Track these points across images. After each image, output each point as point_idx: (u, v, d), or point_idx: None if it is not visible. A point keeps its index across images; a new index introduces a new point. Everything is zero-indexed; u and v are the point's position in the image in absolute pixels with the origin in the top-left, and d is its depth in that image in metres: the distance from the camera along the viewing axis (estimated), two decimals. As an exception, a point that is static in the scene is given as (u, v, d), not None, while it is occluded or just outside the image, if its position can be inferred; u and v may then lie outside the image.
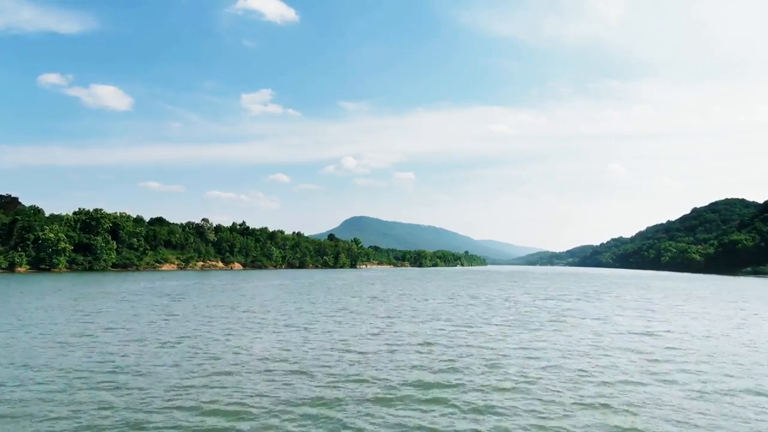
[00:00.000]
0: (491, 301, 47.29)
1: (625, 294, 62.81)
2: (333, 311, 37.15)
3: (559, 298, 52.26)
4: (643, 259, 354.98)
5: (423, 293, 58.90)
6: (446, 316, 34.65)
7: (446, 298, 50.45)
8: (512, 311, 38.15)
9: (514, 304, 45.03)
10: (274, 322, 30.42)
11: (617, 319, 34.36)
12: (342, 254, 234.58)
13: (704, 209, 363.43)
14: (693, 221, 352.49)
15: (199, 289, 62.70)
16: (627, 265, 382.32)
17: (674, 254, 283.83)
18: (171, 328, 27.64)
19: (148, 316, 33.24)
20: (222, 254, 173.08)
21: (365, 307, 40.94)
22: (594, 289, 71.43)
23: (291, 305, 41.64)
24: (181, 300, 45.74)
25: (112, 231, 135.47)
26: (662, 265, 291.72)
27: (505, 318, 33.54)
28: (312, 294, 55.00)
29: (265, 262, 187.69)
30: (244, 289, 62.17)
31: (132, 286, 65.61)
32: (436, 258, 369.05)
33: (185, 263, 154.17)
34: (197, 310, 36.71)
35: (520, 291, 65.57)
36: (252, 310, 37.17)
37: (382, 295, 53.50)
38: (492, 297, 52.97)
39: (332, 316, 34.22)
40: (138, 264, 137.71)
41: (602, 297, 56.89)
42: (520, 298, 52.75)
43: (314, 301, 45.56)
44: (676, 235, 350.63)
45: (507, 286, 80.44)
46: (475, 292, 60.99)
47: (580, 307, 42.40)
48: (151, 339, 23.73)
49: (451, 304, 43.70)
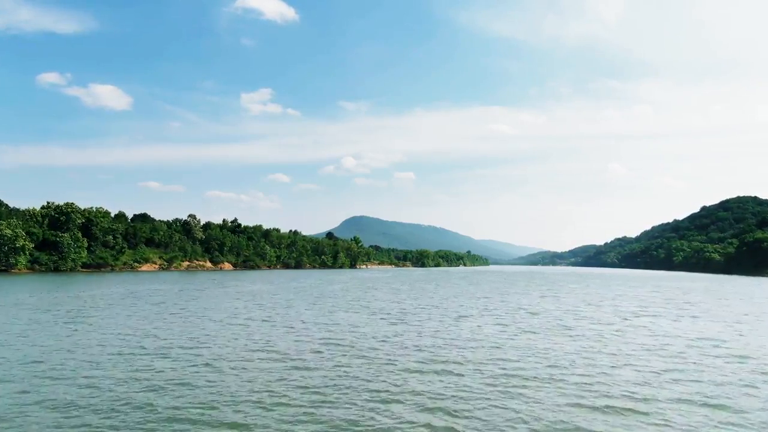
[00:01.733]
0: (575, 325, 30.71)
1: (703, 301, 47.89)
2: (316, 342, 22.13)
3: (644, 314, 37.18)
4: (652, 259, 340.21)
5: (450, 304, 43.71)
6: (561, 373, 17.19)
7: (496, 318, 34.95)
8: (636, 348, 22.67)
9: (609, 328, 29.26)
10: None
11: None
12: (341, 254, 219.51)
13: (715, 207, 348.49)
14: (704, 220, 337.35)
15: (140, 297, 47.65)
16: (634, 265, 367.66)
17: (688, 254, 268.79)
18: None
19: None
20: (211, 253, 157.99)
21: (373, 335, 25.73)
22: (653, 295, 56.48)
23: (240, 334, 26.54)
24: (81, 318, 30.70)
25: (85, 227, 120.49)
26: (675, 266, 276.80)
27: (656, 369, 18.06)
28: (292, 308, 39.79)
29: (258, 262, 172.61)
30: (200, 300, 47.05)
31: (62, 294, 50.59)
32: (438, 258, 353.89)
33: (168, 263, 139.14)
34: (58, 342, 21.70)
35: (574, 300, 50.35)
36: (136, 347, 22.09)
37: (396, 310, 37.96)
38: (557, 313, 37.01)
39: (304, 362, 19.13)
40: (113, 264, 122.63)
41: (684, 307, 42.01)
42: (596, 314, 37.18)
43: (289, 322, 30.53)
44: (686, 234, 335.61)
45: (544, 291, 65.42)
46: (520, 302, 45.93)
47: (703, 333, 27.39)
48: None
49: (520, 331, 27.85)
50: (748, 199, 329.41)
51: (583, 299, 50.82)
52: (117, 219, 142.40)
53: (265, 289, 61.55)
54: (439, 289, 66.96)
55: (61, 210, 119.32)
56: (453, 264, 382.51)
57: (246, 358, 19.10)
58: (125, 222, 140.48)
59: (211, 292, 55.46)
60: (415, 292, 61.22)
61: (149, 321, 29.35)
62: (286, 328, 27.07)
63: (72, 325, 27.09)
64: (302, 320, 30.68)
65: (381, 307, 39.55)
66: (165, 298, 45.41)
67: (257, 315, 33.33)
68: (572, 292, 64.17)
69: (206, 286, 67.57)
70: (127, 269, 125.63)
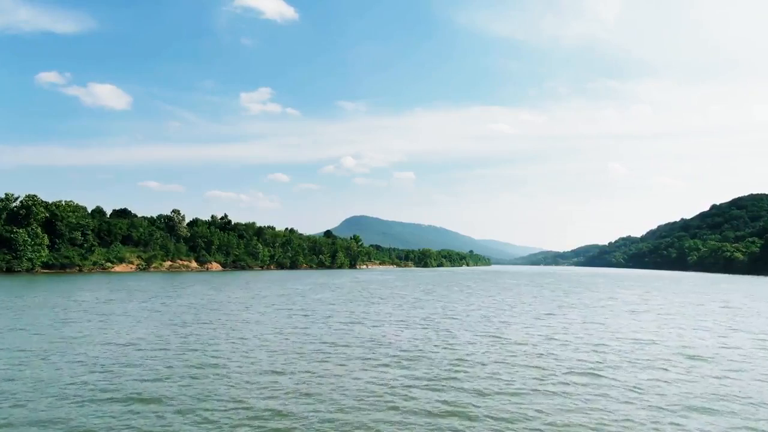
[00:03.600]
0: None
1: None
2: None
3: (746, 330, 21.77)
4: (662, 258, 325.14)
5: (501, 317, 28.23)
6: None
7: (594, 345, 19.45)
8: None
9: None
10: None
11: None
12: (340, 253, 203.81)
13: (726, 205, 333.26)
14: (716, 218, 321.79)
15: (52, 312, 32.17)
16: (642, 265, 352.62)
17: (704, 253, 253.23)
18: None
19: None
20: (197, 253, 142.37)
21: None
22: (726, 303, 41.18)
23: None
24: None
25: (49, 223, 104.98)
26: (689, 266, 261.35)
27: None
28: (214, 345, 24.33)
29: (250, 261, 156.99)
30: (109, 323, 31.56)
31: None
32: (441, 257, 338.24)
33: (147, 263, 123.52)
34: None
35: (706, 312, 35.07)
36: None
37: (445, 363, 22.35)
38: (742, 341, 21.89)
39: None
40: (81, 264, 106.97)
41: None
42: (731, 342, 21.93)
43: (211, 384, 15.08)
44: (697, 233, 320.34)
45: (599, 297, 50.05)
46: (588, 318, 30.62)
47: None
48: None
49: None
50: (762, 197, 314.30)
51: (714, 311, 35.39)
52: (93, 215, 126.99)
53: (220, 299, 46.12)
54: (461, 294, 51.52)
55: (21, 203, 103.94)
56: (456, 264, 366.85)
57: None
58: (98, 218, 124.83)
59: (156, 302, 40.00)
60: (444, 304, 45.74)
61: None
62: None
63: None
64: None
65: (401, 350, 24.07)
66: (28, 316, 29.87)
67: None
68: (665, 298, 48.77)
69: (158, 294, 52.02)
70: (98, 270, 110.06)
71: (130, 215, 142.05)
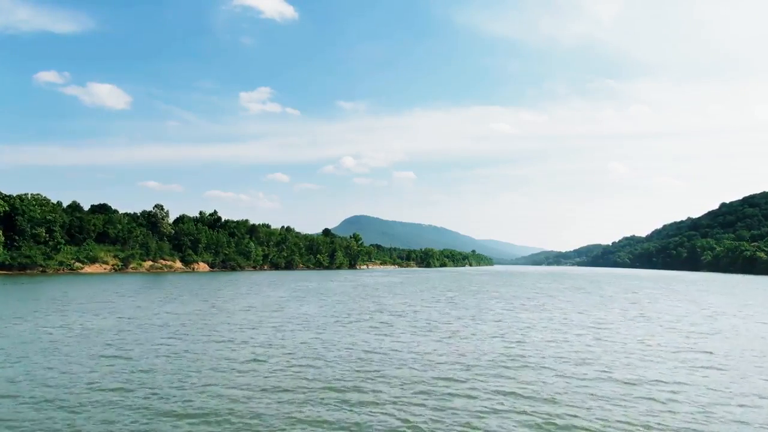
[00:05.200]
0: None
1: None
2: None
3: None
4: (671, 258, 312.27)
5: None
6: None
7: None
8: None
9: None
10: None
11: None
12: (339, 252, 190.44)
13: (738, 203, 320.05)
14: (728, 216, 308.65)
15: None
16: (649, 265, 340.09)
17: (719, 253, 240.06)
18: None
19: None
20: (182, 252, 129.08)
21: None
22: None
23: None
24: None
25: (8, 218, 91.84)
26: (703, 266, 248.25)
27: None
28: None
29: (241, 261, 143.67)
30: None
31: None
32: (444, 257, 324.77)
33: (124, 263, 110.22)
34: None
35: None
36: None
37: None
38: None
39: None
40: (44, 264, 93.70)
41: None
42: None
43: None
44: (708, 232, 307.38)
45: (689, 306, 37.02)
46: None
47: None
48: None
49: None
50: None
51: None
52: (67, 210, 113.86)
53: (153, 314, 33.02)
54: (539, 313, 38.36)
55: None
56: (459, 264, 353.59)
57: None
58: (70, 213, 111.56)
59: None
60: (509, 325, 32.63)
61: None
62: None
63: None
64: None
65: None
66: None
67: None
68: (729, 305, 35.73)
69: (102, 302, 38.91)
70: (65, 271, 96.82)
71: (109, 211, 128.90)
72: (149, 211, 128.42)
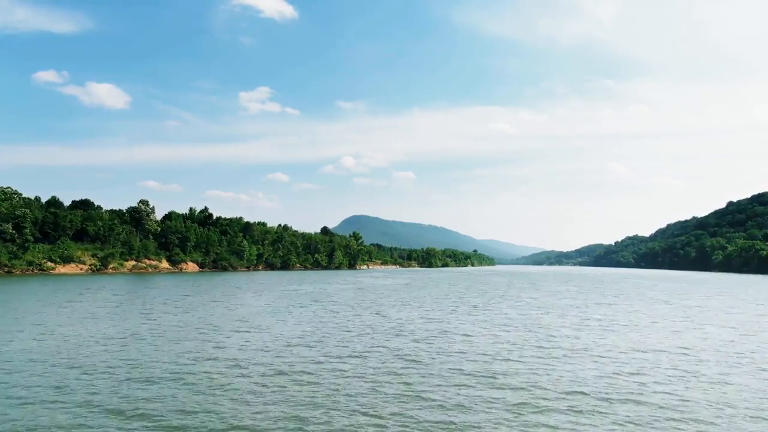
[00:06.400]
0: None
1: None
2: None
3: None
4: (678, 258, 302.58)
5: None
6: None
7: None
8: None
9: None
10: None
11: None
12: (338, 252, 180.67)
13: (747, 202, 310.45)
14: (737, 215, 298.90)
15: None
16: (655, 265, 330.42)
17: (731, 252, 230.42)
18: None
19: None
20: (169, 251, 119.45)
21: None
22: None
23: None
24: None
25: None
26: (714, 265, 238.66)
27: None
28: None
29: (234, 261, 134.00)
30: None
31: None
32: (446, 257, 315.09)
33: (102, 263, 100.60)
34: None
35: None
36: None
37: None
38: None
39: None
40: (10, 264, 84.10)
41: None
42: None
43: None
44: (717, 231, 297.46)
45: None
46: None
47: None
48: None
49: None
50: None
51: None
52: (47, 206, 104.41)
53: (62, 339, 23.37)
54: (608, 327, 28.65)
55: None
56: (461, 264, 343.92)
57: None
58: (42, 208, 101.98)
59: None
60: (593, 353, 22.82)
61: None
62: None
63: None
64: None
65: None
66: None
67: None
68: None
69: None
70: (35, 272, 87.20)
71: (92, 207, 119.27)
72: (133, 207, 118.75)
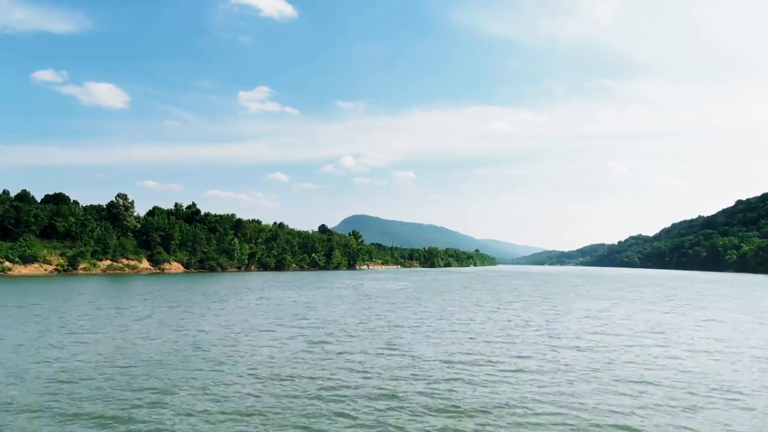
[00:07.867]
0: None
1: None
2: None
3: None
4: (687, 258, 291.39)
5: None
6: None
7: None
8: None
9: None
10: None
11: None
12: (337, 251, 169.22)
13: (757, 200, 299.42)
14: (749, 214, 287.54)
15: None
16: (662, 265, 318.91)
17: (748, 251, 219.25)
18: None
19: None
20: (151, 250, 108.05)
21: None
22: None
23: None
24: None
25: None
26: (728, 265, 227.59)
27: None
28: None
29: (223, 261, 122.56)
30: None
31: None
32: (448, 257, 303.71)
33: (71, 263, 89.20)
34: None
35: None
36: None
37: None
38: None
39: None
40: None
41: None
42: None
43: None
44: (728, 230, 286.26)
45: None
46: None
47: None
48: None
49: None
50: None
51: None
52: (17, 200, 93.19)
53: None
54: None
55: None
56: (464, 264, 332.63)
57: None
58: (11, 202, 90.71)
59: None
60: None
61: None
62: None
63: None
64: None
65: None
66: None
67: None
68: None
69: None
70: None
71: (65, 201, 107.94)
72: (111, 202, 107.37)
